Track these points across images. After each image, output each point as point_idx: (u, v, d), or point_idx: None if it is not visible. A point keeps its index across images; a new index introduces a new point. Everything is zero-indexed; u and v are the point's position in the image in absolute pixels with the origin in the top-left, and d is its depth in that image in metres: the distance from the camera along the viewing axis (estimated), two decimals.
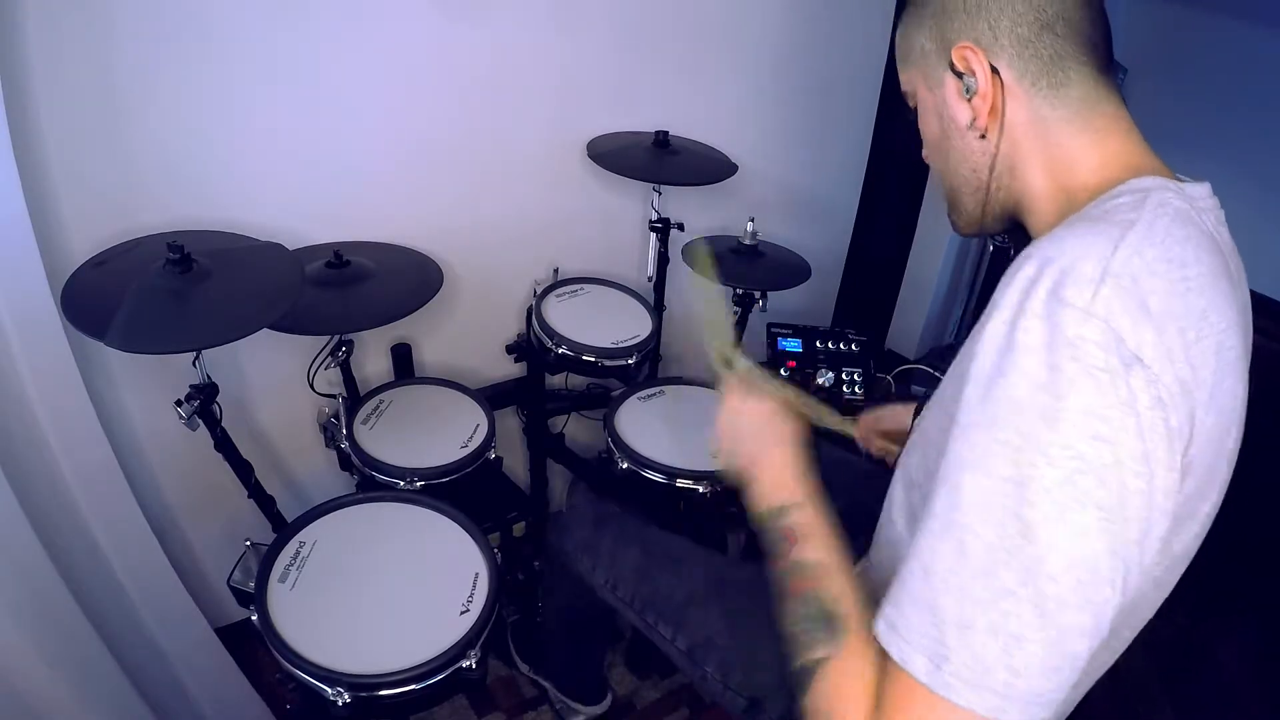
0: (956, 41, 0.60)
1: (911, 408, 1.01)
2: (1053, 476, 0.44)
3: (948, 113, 0.63)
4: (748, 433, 0.76)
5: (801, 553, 0.63)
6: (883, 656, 0.52)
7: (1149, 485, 0.45)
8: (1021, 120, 0.59)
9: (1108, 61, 0.60)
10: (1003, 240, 1.79)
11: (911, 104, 0.69)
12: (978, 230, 0.68)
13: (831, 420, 1.10)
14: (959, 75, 0.60)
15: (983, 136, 0.61)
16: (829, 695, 0.54)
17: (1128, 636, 0.64)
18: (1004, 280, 0.49)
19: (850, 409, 1.11)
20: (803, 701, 0.56)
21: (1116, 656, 0.66)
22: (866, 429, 1.07)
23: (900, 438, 1.01)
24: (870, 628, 0.55)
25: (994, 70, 0.59)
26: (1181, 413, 0.46)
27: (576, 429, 1.70)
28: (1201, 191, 0.57)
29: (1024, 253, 0.50)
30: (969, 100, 0.60)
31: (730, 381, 0.82)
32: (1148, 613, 0.63)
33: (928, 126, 0.67)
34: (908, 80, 0.68)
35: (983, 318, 0.50)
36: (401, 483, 1.10)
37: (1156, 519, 0.46)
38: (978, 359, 0.48)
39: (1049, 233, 0.52)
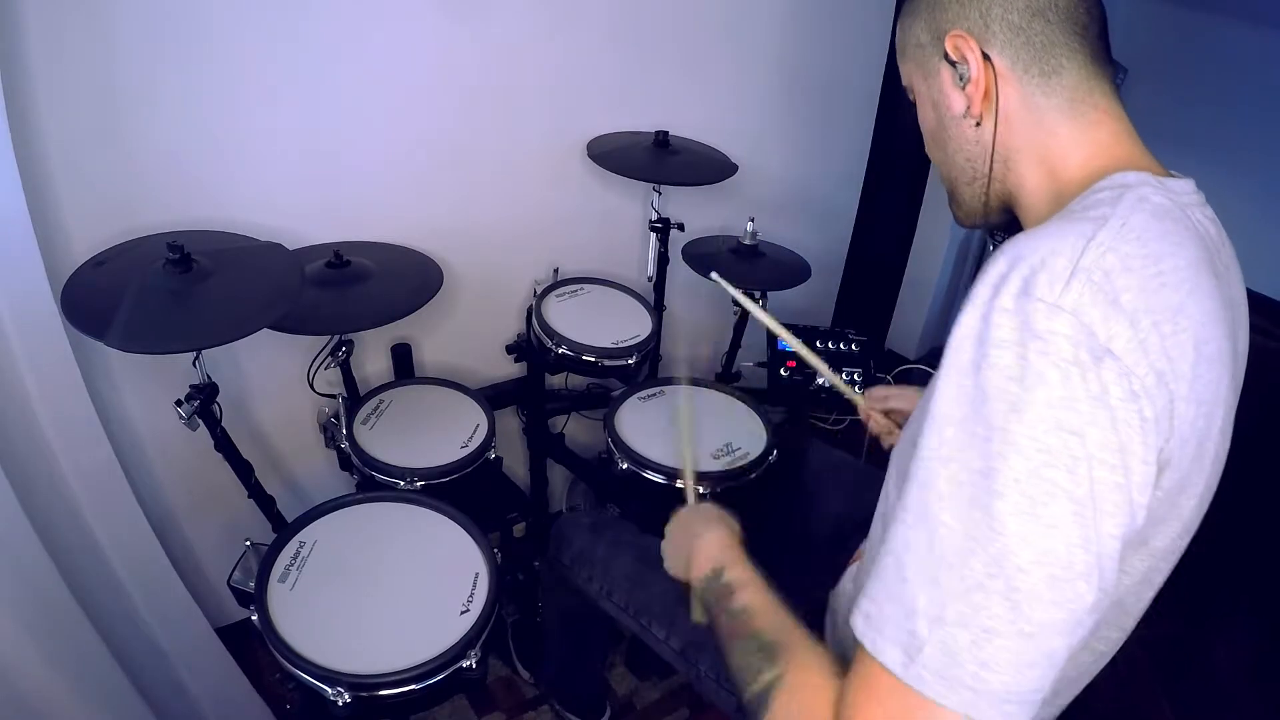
0: (949, 30, 0.61)
1: (916, 398, 1.01)
2: (1021, 468, 0.43)
3: (943, 102, 0.64)
4: (685, 532, 0.81)
5: (740, 600, 0.66)
6: (835, 664, 0.53)
7: (1125, 479, 0.45)
8: (1015, 108, 0.60)
9: (1103, 53, 0.60)
10: (1002, 237, 1.79)
11: (911, 98, 0.70)
12: (978, 222, 0.68)
13: (841, 385, 1.10)
14: (953, 64, 0.61)
15: (977, 124, 0.62)
16: (787, 713, 0.55)
17: (1116, 638, 0.63)
18: (979, 277, 0.50)
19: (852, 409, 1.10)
20: None
21: (1105, 660, 0.65)
22: (873, 401, 1.06)
23: (903, 422, 1.01)
24: (811, 641, 0.57)
25: (986, 58, 0.59)
26: (1159, 404, 0.46)
27: (576, 429, 1.70)
28: (1185, 186, 0.57)
29: (998, 249, 0.50)
30: (963, 88, 0.61)
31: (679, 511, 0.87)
32: (1136, 612, 0.62)
33: (925, 118, 0.68)
34: (906, 74, 0.69)
35: (959, 313, 0.50)
36: (401, 483, 1.10)
37: (1137, 512, 0.46)
38: (951, 352, 0.48)
39: (1027, 230, 0.52)
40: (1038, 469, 0.43)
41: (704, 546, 0.76)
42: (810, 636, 0.59)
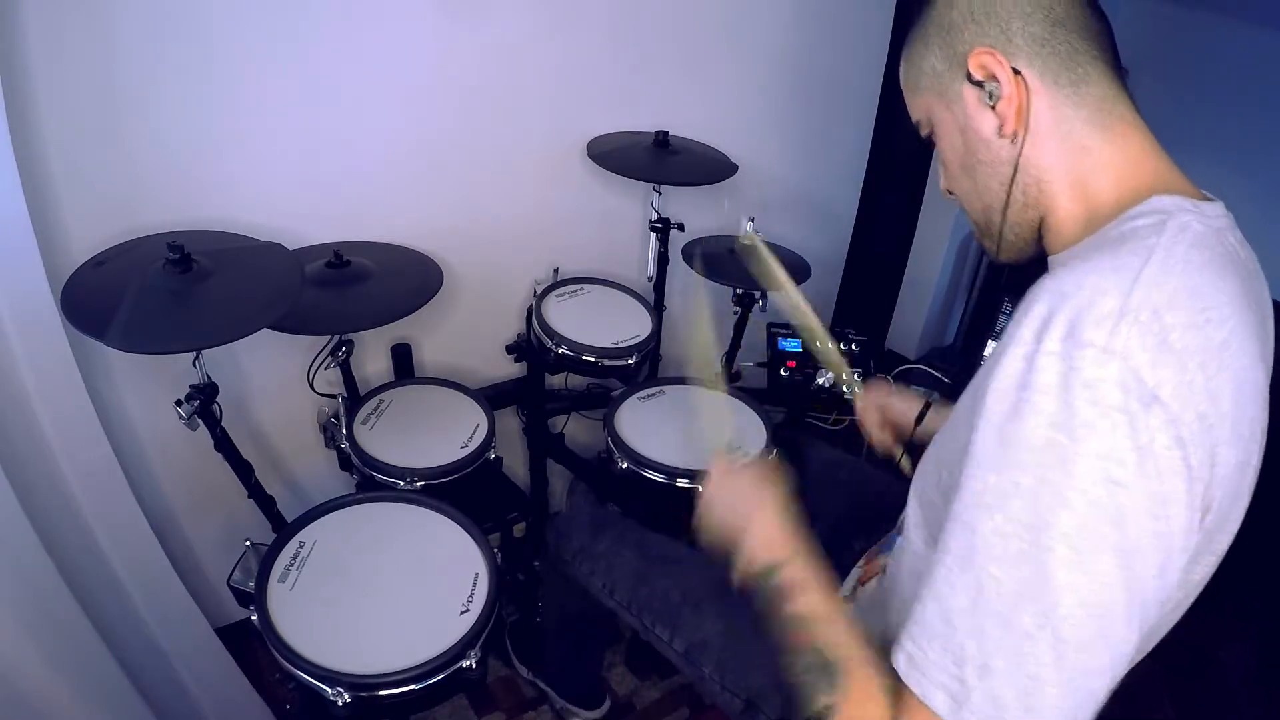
0: (971, 50, 0.59)
1: (916, 406, 1.00)
2: (1069, 521, 0.43)
3: (970, 126, 0.61)
4: (733, 501, 0.76)
5: (798, 606, 0.63)
6: (893, 694, 0.52)
7: (1168, 526, 0.45)
8: (1046, 123, 0.58)
9: (1118, 62, 0.59)
10: None
11: (925, 133, 0.67)
12: (1017, 256, 0.65)
13: (842, 372, 1.08)
14: (978, 84, 0.59)
15: (1011, 142, 0.59)
16: None
17: (1136, 658, 0.64)
18: (1018, 313, 0.48)
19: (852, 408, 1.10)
20: None
21: (1122, 676, 0.66)
22: (870, 404, 1.04)
23: (897, 429, 1.01)
24: (873, 666, 0.55)
25: (1016, 72, 0.57)
26: (1202, 450, 0.45)
27: (576, 429, 1.70)
28: (1217, 209, 0.55)
29: (1039, 284, 0.49)
30: (993, 107, 0.59)
31: (717, 460, 0.82)
32: (1161, 634, 0.63)
33: (949, 147, 0.65)
34: (920, 108, 0.66)
35: (997, 350, 0.49)
36: (401, 483, 1.10)
37: (1176, 556, 0.46)
38: (993, 394, 0.47)
39: (1065, 263, 0.51)
40: (1086, 522, 0.43)
41: (760, 531, 0.71)
42: (867, 652, 0.57)
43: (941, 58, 0.62)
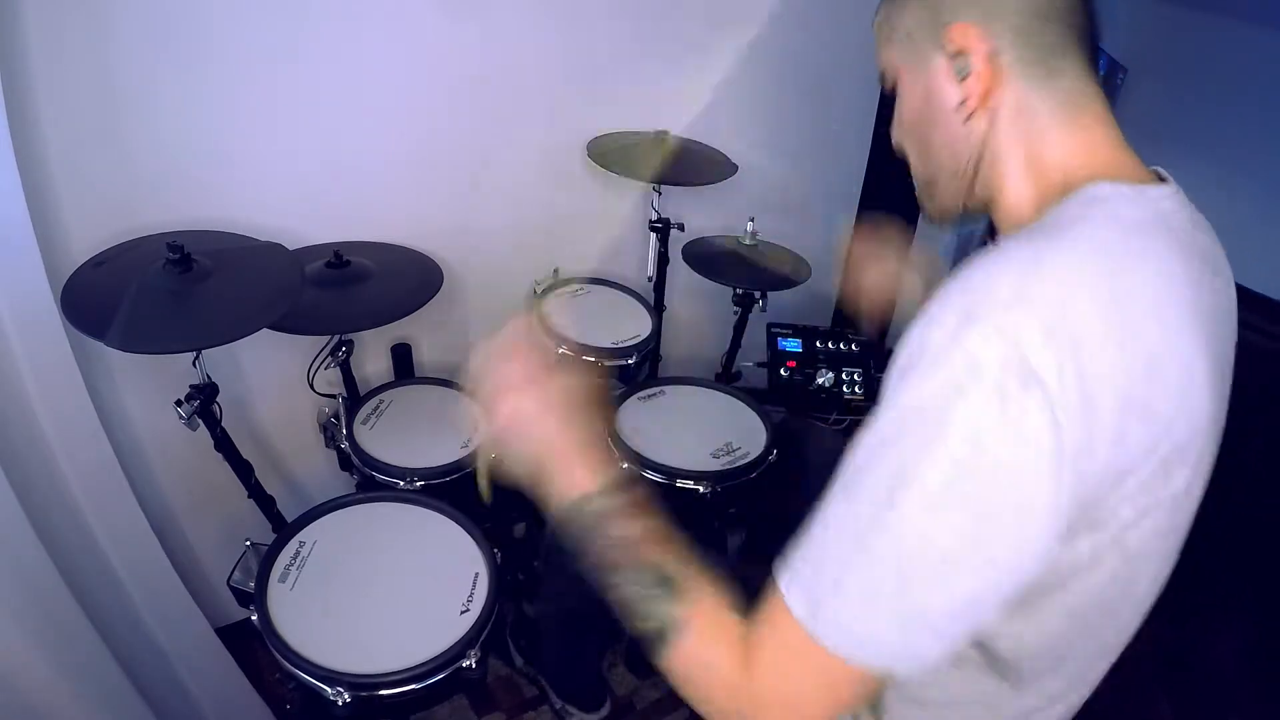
0: (952, 22, 0.59)
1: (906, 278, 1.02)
2: (933, 475, 0.46)
3: (934, 95, 0.62)
4: (527, 424, 0.66)
5: (623, 529, 0.62)
6: (742, 610, 0.56)
7: (1029, 500, 0.46)
8: (1010, 108, 0.58)
9: (1095, 59, 0.59)
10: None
11: (887, 84, 0.68)
12: (951, 219, 0.67)
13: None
14: (952, 56, 0.59)
15: (968, 120, 0.60)
16: (696, 651, 0.57)
17: (1112, 641, 0.63)
18: (936, 293, 0.50)
19: (852, 409, 1.10)
20: (661, 663, 0.59)
21: (1110, 662, 0.65)
22: (860, 255, 1.07)
23: (874, 292, 1.04)
24: (717, 587, 0.58)
25: (991, 54, 0.58)
26: (1080, 432, 0.45)
27: None
28: (1166, 191, 0.55)
29: (954, 272, 0.50)
30: (961, 81, 0.59)
31: (512, 329, 0.71)
32: (1131, 615, 0.61)
33: (909, 107, 0.66)
34: (887, 59, 0.67)
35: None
36: (401, 483, 1.10)
37: (1040, 531, 0.47)
38: (894, 356, 0.50)
39: (991, 250, 0.52)
40: (948, 478, 0.46)
41: (564, 462, 0.64)
42: (702, 571, 0.59)
43: (920, 21, 0.62)
